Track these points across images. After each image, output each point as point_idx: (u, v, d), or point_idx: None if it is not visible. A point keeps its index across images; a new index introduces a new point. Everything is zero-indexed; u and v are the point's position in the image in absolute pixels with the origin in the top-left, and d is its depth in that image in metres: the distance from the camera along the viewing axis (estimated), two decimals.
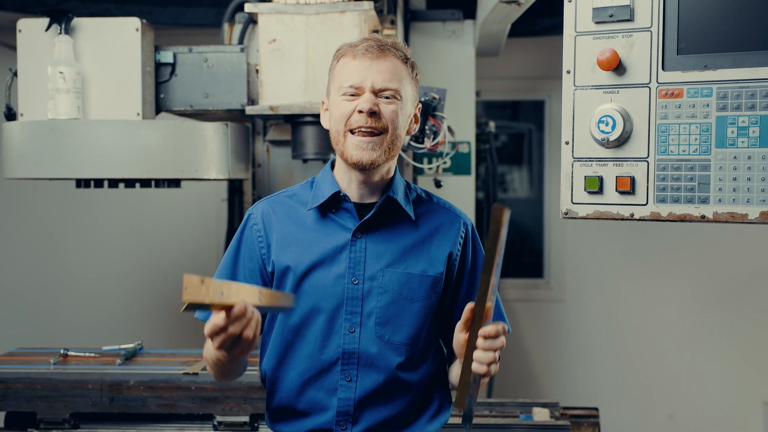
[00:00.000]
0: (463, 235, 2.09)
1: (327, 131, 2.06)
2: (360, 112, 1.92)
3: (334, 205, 2.03)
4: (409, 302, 2.00)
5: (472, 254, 2.11)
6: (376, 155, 1.94)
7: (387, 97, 1.94)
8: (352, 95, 1.94)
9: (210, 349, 1.93)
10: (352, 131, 1.94)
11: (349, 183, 2.03)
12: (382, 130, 1.94)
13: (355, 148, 1.93)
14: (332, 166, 2.09)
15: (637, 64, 1.65)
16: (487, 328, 1.74)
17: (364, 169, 1.96)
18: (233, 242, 2.11)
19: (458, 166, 3.85)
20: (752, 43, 1.55)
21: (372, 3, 2.87)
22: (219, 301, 1.60)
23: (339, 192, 2.01)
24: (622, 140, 1.66)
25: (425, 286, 2.01)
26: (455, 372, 2.03)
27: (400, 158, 3.23)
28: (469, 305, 1.77)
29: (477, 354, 1.76)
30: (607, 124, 1.65)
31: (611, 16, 1.66)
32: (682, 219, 1.63)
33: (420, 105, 2.12)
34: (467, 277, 2.11)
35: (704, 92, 1.59)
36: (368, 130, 1.92)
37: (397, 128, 1.96)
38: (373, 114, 1.92)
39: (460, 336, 1.83)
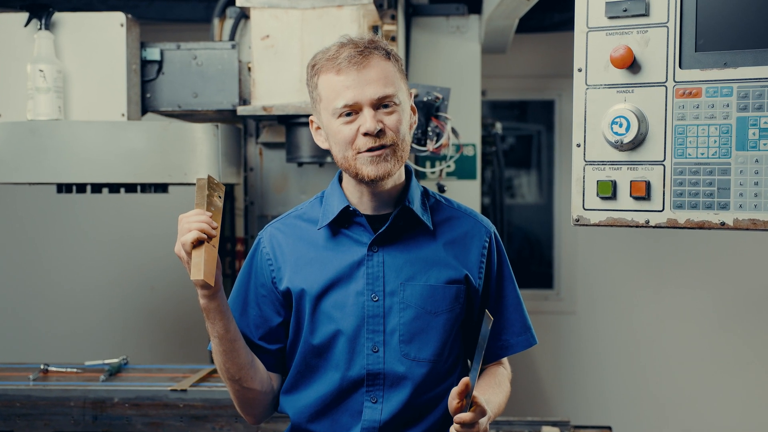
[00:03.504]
0: (487, 243, 2.09)
1: None
2: (365, 134, 1.90)
3: (345, 220, 2.02)
4: (433, 316, 1.99)
5: (498, 263, 2.11)
6: (390, 166, 1.92)
7: (386, 106, 1.91)
8: (349, 115, 1.91)
9: (216, 358, 2.01)
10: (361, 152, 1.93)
11: (360, 196, 2.02)
12: (391, 143, 1.92)
13: (368, 164, 1.91)
14: (340, 179, 2.08)
15: (652, 61, 1.64)
16: (464, 416, 1.79)
17: (379, 181, 1.95)
18: (243, 269, 2.12)
19: (463, 170, 3.85)
20: None
21: None
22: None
23: (348, 207, 2.00)
24: (637, 142, 1.65)
25: (449, 297, 2.01)
26: None
27: None
28: (464, 380, 1.80)
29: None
30: (620, 126, 1.65)
31: (625, 10, 1.66)
32: (701, 226, 1.62)
33: (411, 92, 2.09)
34: (494, 287, 2.11)
35: (724, 91, 1.58)
36: (378, 147, 1.91)
37: (404, 134, 1.95)
38: (380, 132, 1.90)
39: (453, 402, 1.83)
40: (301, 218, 2.10)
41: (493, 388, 2.06)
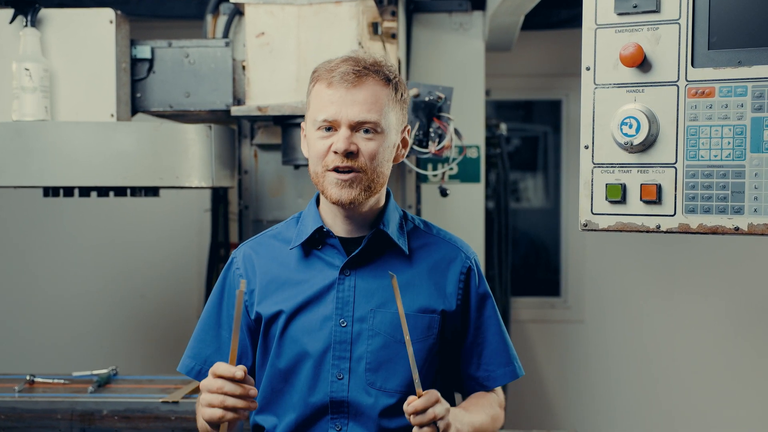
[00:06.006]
0: (466, 270, 2.09)
1: None
2: (335, 152, 1.91)
3: (318, 241, 2.04)
4: (402, 345, 1.97)
5: (477, 290, 2.10)
6: (356, 193, 1.93)
7: (366, 131, 1.92)
8: (328, 130, 1.93)
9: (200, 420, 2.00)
10: (329, 170, 1.94)
11: (334, 218, 2.04)
12: (360, 169, 1.92)
13: (334, 185, 1.93)
14: (318, 200, 2.09)
15: (663, 59, 1.64)
16: (416, 403, 1.81)
17: (344, 207, 1.96)
18: (216, 287, 2.13)
19: (466, 173, 3.84)
20: None
21: None
22: None
23: (322, 227, 2.02)
24: (648, 144, 1.65)
25: (421, 327, 2.01)
26: None
27: (402, 164, 3.23)
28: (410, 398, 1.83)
29: None
30: (630, 127, 1.65)
31: (635, 6, 1.65)
32: (714, 231, 1.62)
33: (409, 128, 2.10)
34: (474, 317, 2.10)
35: (738, 91, 1.58)
36: (345, 169, 1.92)
37: (378, 164, 1.95)
38: (350, 154, 1.91)
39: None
40: (275, 238, 2.12)
41: (474, 406, 2.06)
